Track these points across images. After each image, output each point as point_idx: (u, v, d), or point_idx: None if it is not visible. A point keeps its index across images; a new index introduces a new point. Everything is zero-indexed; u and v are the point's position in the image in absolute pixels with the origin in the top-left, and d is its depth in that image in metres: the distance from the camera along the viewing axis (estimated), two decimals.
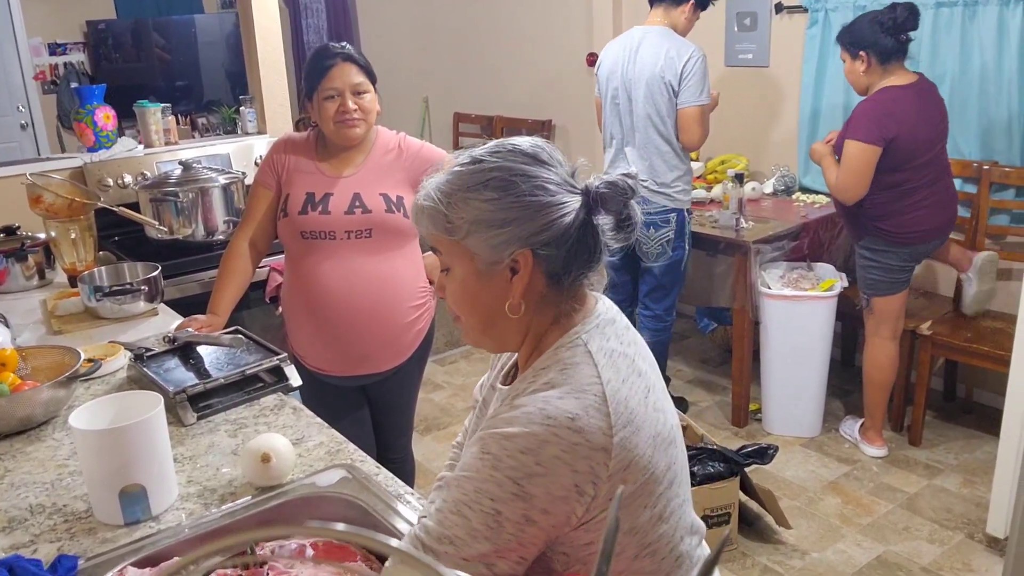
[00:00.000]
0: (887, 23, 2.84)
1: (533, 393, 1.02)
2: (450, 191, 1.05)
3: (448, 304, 1.12)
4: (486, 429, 1.02)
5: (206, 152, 3.27)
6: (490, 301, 1.08)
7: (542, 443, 0.97)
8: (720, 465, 2.67)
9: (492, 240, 1.03)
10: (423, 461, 3.20)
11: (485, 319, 1.10)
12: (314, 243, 2.13)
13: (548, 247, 1.04)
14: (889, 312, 3.10)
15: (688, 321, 4.47)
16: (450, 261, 1.08)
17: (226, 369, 1.85)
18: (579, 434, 0.98)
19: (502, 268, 1.05)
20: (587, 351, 1.05)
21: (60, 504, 1.44)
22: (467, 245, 1.05)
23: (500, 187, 1.03)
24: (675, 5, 3.23)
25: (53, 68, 7.20)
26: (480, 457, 1.00)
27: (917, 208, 2.95)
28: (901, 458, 3.22)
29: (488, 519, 0.98)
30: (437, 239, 1.08)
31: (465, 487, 1.00)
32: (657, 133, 3.21)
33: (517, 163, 1.05)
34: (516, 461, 0.98)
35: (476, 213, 1.03)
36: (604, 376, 1.03)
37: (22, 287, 2.57)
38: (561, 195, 1.04)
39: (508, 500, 0.98)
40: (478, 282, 1.07)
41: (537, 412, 0.99)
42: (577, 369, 1.03)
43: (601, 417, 1.00)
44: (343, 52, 2.08)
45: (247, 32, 3.52)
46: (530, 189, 1.03)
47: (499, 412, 1.04)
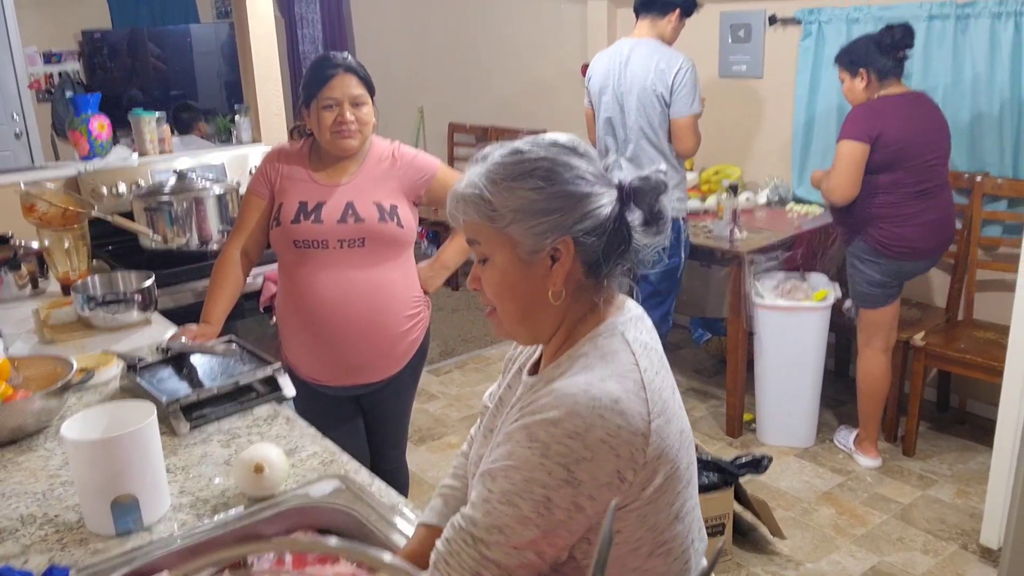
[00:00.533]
0: (885, 43, 2.93)
1: (572, 375, 1.04)
2: (495, 179, 1.07)
3: (484, 295, 1.13)
4: (529, 416, 1.02)
5: (201, 161, 3.27)
6: (530, 289, 1.09)
7: (588, 426, 0.98)
8: (714, 475, 2.67)
9: (535, 228, 1.05)
10: (417, 471, 3.19)
11: (524, 307, 1.11)
12: (307, 252, 2.13)
13: (589, 235, 1.06)
14: (879, 324, 3.12)
15: (682, 331, 4.48)
16: (490, 250, 1.09)
17: (220, 379, 1.85)
18: (622, 416, 0.99)
19: (543, 256, 1.07)
20: (624, 340, 1.08)
21: (51, 515, 1.43)
22: (510, 233, 1.06)
23: (544, 176, 1.05)
24: (661, 15, 3.25)
25: (48, 77, 7.20)
26: (528, 446, 1.00)
27: (912, 222, 2.97)
28: (895, 469, 3.23)
29: (538, 506, 0.99)
30: (478, 228, 1.09)
31: (513, 477, 1.01)
32: (650, 144, 3.22)
33: (559, 154, 1.07)
34: (564, 447, 0.98)
35: (520, 202, 1.05)
36: (641, 364, 1.06)
37: (15, 296, 2.56)
38: (599, 186, 1.07)
39: (558, 487, 0.98)
40: (519, 270, 1.08)
41: (582, 393, 1.00)
42: (616, 356, 1.06)
43: (640, 402, 1.02)
44: (344, 63, 2.08)
45: (243, 42, 3.53)
46: (572, 179, 1.05)
47: (536, 398, 1.04)
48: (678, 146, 3.23)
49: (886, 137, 2.89)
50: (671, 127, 3.21)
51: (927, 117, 2.99)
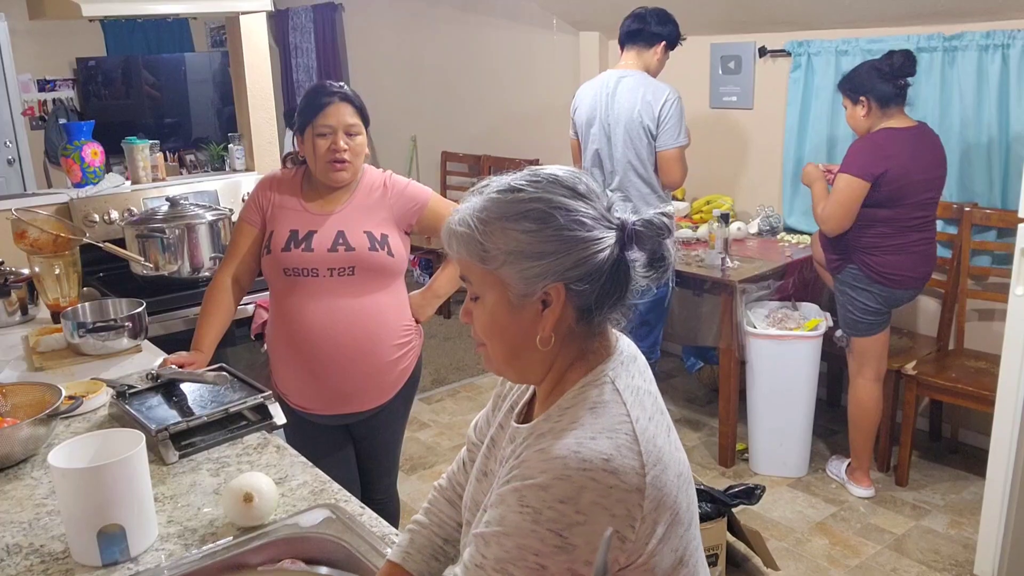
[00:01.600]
0: (885, 70, 2.93)
1: (561, 433, 1.00)
2: (488, 219, 1.02)
3: (474, 331, 1.10)
4: (518, 480, 0.99)
5: (194, 189, 3.27)
6: (519, 332, 1.05)
7: (580, 489, 0.94)
8: (707, 505, 2.66)
9: (527, 272, 1.01)
10: (408, 501, 3.16)
11: (511, 350, 1.08)
12: (297, 280, 2.13)
13: (581, 282, 1.02)
14: (870, 352, 3.12)
15: (674, 360, 4.47)
16: (480, 290, 1.06)
17: (209, 407, 1.83)
18: (614, 475, 0.95)
19: (534, 300, 1.03)
20: (615, 388, 1.04)
21: (37, 544, 1.41)
22: (500, 275, 1.03)
23: (539, 219, 1.01)
24: (647, 47, 3.28)
25: (42, 104, 7.22)
26: (519, 511, 0.97)
27: (905, 251, 2.99)
28: (888, 498, 3.22)
29: (533, 574, 0.96)
30: (469, 267, 1.06)
31: (506, 544, 0.97)
32: (637, 176, 3.24)
33: (556, 195, 1.02)
34: (556, 512, 0.95)
35: (513, 244, 1.01)
36: (633, 414, 1.01)
37: (4, 323, 2.54)
38: (598, 230, 1.02)
39: (551, 554, 0.95)
40: (508, 313, 1.05)
41: (572, 456, 0.96)
42: (606, 408, 1.02)
43: (634, 456, 0.97)
44: (340, 92, 2.10)
45: (237, 70, 3.55)
46: (568, 223, 1.01)
47: (527, 458, 1.01)
48: (664, 178, 3.25)
49: (889, 176, 2.89)
50: (657, 159, 3.23)
51: (930, 153, 2.98)
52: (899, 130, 2.94)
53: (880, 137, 2.95)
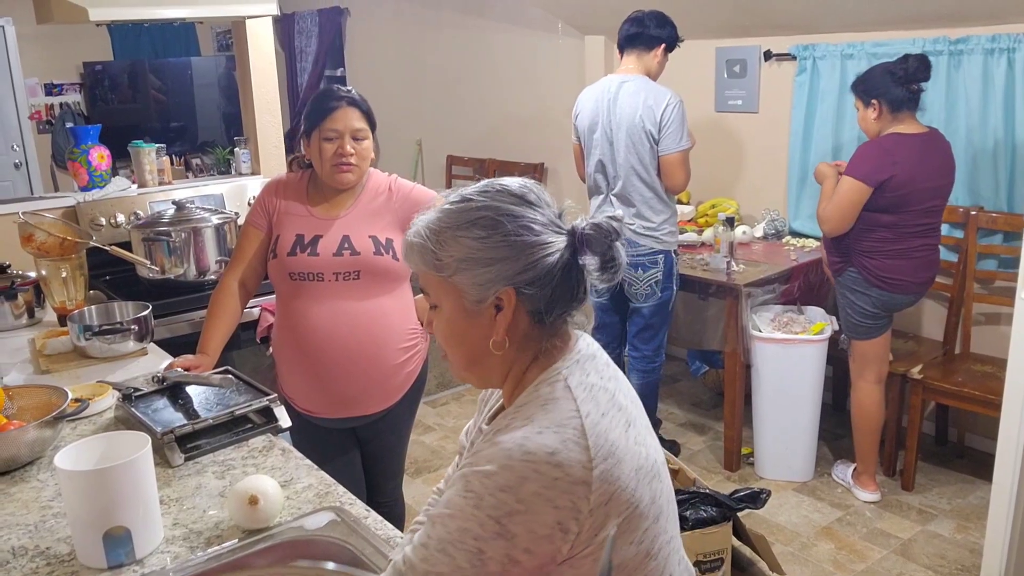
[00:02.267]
0: (898, 73, 2.91)
1: (513, 428, 1.03)
2: (439, 229, 1.07)
3: (437, 339, 1.14)
4: (468, 466, 1.03)
5: (199, 192, 3.28)
6: (475, 338, 1.10)
7: (521, 479, 0.98)
8: (712, 510, 2.65)
9: (478, 278, 1.05)
10: (413, 504, 3.16)
11: (469, 355, 1.12)
12: (302, 284, 2.13)
13: (532, 286, 1.06)
14: (870, 356, 3.12)
15: (679, 364, 4.47)
16: (438, 298, 1.11)
17: (215, 409, 1.84)
18: (559, 468, 0.98)
19: (487, 306, 1.07)
20: (566, 386, 1.07)
21: (43, 547, 1.41)
22: (454, 282, 1.07)
23: (488, 226, 1.05)
24: (647, 50, 3.28)
25: (49, 108, 7.25)
26: (463, 495, 1.01)
27: (906, 256, 2.98)
28: (894, 503, 3.21)
29: (472, 557, 0.99)
30: (426, 276, 1.11)
31: (449, 525, 1.01)
32: (640, 180, 3.24)
33: (504, 203, 1.07)
34: (496, 499, 0.98)
35: (464, 251, 1.05)
36: (583, 410, 1.04)
37: (11, 326, 2.55)
38: (546, 235, 1.06)
39: (490, 539, 0.98)
40: (465, 319, 1.09)
41: (516, 448, 1.00)
42: (556, 404, 1.04)
43: (580, 451, 1.00)
44: (348, 96, 2.10)
45: (243, 74, 3.56)
46: (516, 229, 1.05)
47: (481, 449, 1.04)
48: (667, 182, 3.25)
49: (893, 182, 2.87)
50: (660, 163, 3.23)
51: (938, 160, 2.96)
52: (909, 136, 2.92)
53: (888, 142, 2.93)
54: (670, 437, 3.73)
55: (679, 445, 3.70)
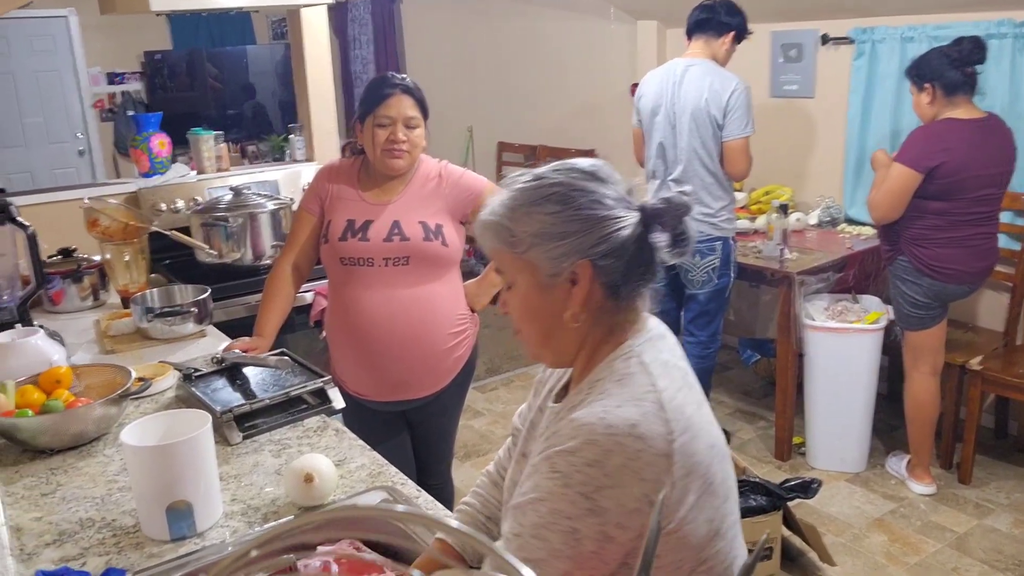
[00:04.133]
0: (953, 56, 2.83)
1: (590, 403, 1.04)
2: (513, 206, 1.10)
3: (512, 318, 1.16)
4: (550, 448, 1.03)
5: (255, 178, 3.35)
6: (550, 313, 1.11)
7: (606, 453, 0.98)
8: (762, 498, 2.63)
9: (553, 252, 1.07)
10: (462, 487, 3.19)
11: (545, 331, 1.13)
12: (353, 270, 2.17)
13: (606, 258, 1.07)
14: (925, 347, 3.05)
15: (731, 352, 4.43)
16: (513, 275, 1.12)
17: (271, 390, 1.89)
18: (641, 440, 0.99)
19: (562, 280, 1.08)
20: (641, 362, 1.08)
21: (109, 519, 1.47)
22: (529, 258, 1.09)
23: (560, 201, 1.07)
24: (716, 37, 3.24)
25: (111, 97, 7.44)
26: (550, 477, 1.01)
27: (958, 244, 2.90)
28: (950, 496, 3.14)
29: (567, 538, 0.99)
30: (500, 254, 1.12)
31: (539, 509, 1.01)
32: (702, 166, 3.21)
33: (576, 179, 1.09)
34: (584, 475, 0.99)
35: (538, 226, 1.07)
36: (659, 384, 1.05)
37: (77, 307, 2.64)
38: (618, 209, 1.08)
39: (583, 516, 0.99)
40: (539, 294, 1.10)
41: (598, 422, 1.01)
42: (632, 379, 1.06)
43: (661, 423, 1.01)
44: (403, 84, 2.13)
45: (298, 62, 3.61)
46: (588, 203, 1.07)
47: (558, 429, 1.05)
48: (730, 168, 3.22)
49: (944, 169, 2.80)
50: (723, 149, 3.20)
51: (996, 147, 2.87)
52: (963, 121, 2.84)
53: (940, 128, 2.86)
54: (720, 426, 3.70)
55: (729, 433, 3.68)
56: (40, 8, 6.65)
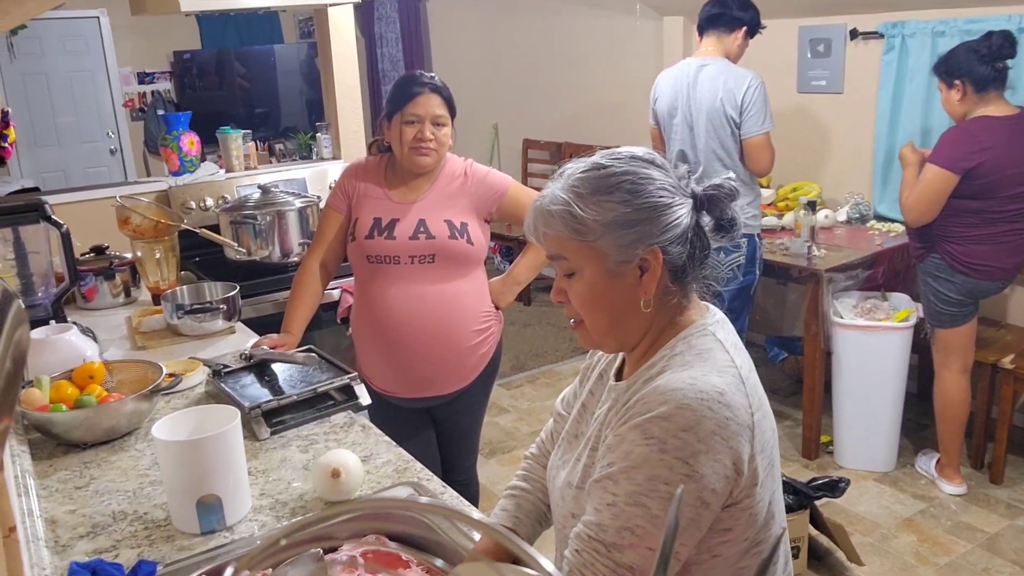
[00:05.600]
0: (982, 51, 2.79)
1: (674, 373, 1.05)
2: (582, 193, 1.09)
3: (570, 307, 1.15)
4: (638, 415, 1.03)
5: (283, 176, 3.38)
6: (619, 299, 1.11)
7: (699, 418, 0.99)
8: (790, 497, 2.62)
9: (623, 239, 1.07)
10: (487, 484, 3.21)
11: (613, 318, 1.13)
12: (379, 267, 2.18)
13: (673, 244, 1.09)
14: (955, 345, 3.01)
15: (758, 350, 4.40)
16: (578, 264, 1.11)
17: (299, 386, 1.91)
18: (728, 408, 1.01)
19: (632, 267, 1.09)
20: (717, 339, 1.11)
21: (141, 512, 1.50)
22: (598, 246, 1.08)
23: (630, 189, 1.08)
24: (728, 32, 3.22)
25: (141, 96, 7.54)
26: (645, 443, 1.01)
27: (990, 241, 2.86)
28: (981, 496, 3.10)
29: (666, 503, 0.99)
30: (564, 242, 1.11)
31: (635, 477, 1.01)
32: (722, 165, 3.19)
33: (640, 167, 1.10)
34: (680, 440, 0.99)
35: (609, 215, 1.07)
36: (736, 361, 1.08)
37: (109, 304, 2.68)
38: (678, 197, 1.10)
39: (681, 482, 0.99)
40: (608, 282, 1.10)
41: (688, 387, 1.02)
42: (712, 353, 1.08)
43: (743, 396, 1.04)
44: (431, 83, 2.14)
45: (325, 61, 3.64)
46: (655, 190, 1.08)
47: (641, 397, 1.05)
48: (752, 166, 3.19)
49: (981, 170, 2.76)
50: (743, 147, 3.17)
51: None
52: (997, 119, 2.80)
53: (976, 127, 2.81)
54: None
55: None
56: (72, 9, 6.76)
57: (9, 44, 6.76)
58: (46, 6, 1.41)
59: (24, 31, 6.48)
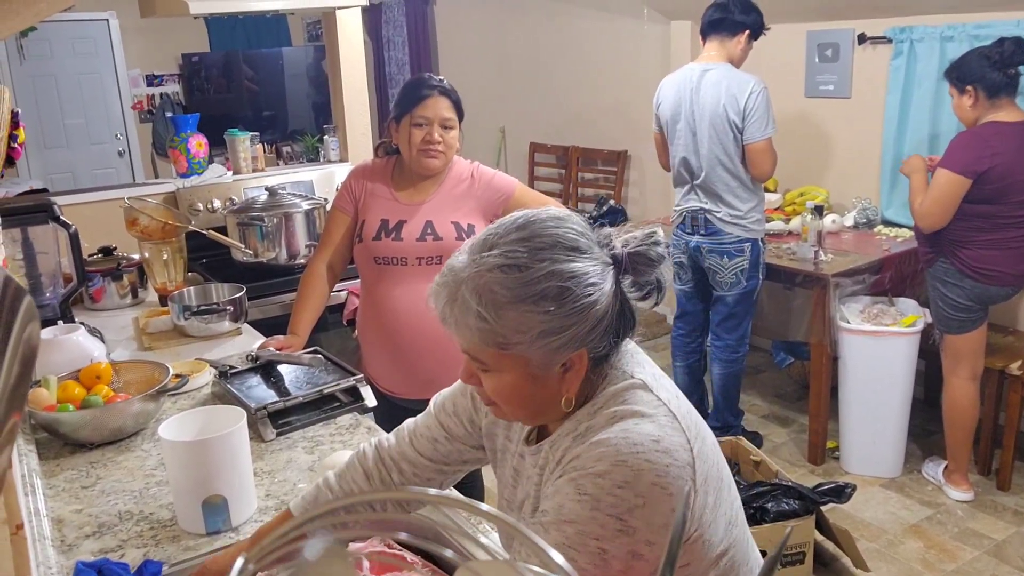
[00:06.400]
0: (994, 57, 2.79)
1: (605, 427, 1.02)
2: (501, 304, 0.99)
3: (485, 393, 1.09)
4: (573, 471, 1.01)
5: (290, 179, 3.39)
6: (542, 398, 1.06)
7: (637, 473, 0.97)
8: (795, 502, 2.61)
9: (548, 347, 1.00)
10: (491, 486, 3.20)
11: (535, 411, 1.09)
12: (386, 268, 2.18)
13: (599, 340, 1.03)
14: (964, 350, 3.00)
15: (764, 355, 4.39)
16: (496, 368, 1.04)
17: (305, 388, 1.91)
18: (667, 454, 0.98)
19: (556, 368, 1.04)
20: (636, 381, 1.06)
21: (147, 512, 1.50)
22: (520, 353, 1.01)
23: (556, 295, 0.98)
24: (731, 36, 3.21)
25: (150, 98, 7.57)
26: (578, 499, 0.99)
27: (1000, 246, 2.85)
28: (988, 503, 3.09)
29: (595, 558, 0.98)
30: (481, 351, 1.04)
31: (566, 530, 0.99)
32: (725, 170, 3.19)
33: (565, 263, 1.00)
34: (615, 497, 0.97)
35: (533, 326, 0.99)
36: (662, 396, 1.05)
37: (116, 305, 2.69)
38: (604, 283, 1.01)
39: (612, 537, 0.97)
40: (531, 384, 1.04)
41: (622, 441, 0.99)
42: (635, 395, 1.04)
43: (678, 433, 1.01)
44: (440, 85, 2.15)
45: (333, 64, 3.65)
46: (583, 289, 0.99)
47: (577, 453, 1.02)
48: (753, 171, 3.19)
49: (992, 174, 2.76)
50: (745, 152, 3.17)
51: None
52: (1008, 124, 2.79)
53: (987, 131, 2.81)
54: (752, 429, 3.68)
55: (762, 437, 3.64)
56: (82, 11, 6.79)
57: (19, 46, 6.80)
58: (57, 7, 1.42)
59: (34, 33, 6.51)
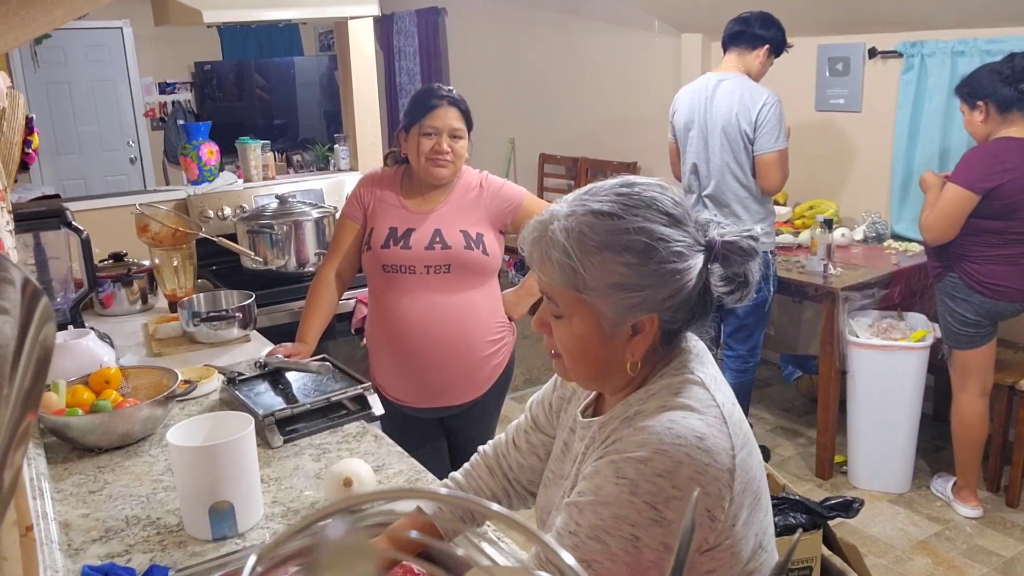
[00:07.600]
0: (1005, 73, 2.79)
1: (653, 414, 1.02)
2: (587, 246, 1.01)
3: (550, 342, 1.10)
4: (615, 452, 1.01)
5: (301, 187, 3.40)
6: (606, 355, 1.06)
7: (677, 464, 0.97)
8: (802, 517, 2.59)
9: (623, 303, 1.01)
10: None
11: (596, 370, 1.09)
12: (395, 277, 2.19)
13: (673, 311, 1.03)
14: (973, 366, 2.98)
15: (772, 368, 4.38)
16: (568, 312, 1.05)
17: (312, 395, 1.91)
18: (708, 454, 0.98)
19: (624, 328, 1.04)
20: (696, 377, 1.06)
21: (154, 517, 1.50)
22: (595, 303, 1.02)
23: (641, 251, 1.00)
24: (750, 49, 3.22)
25: (162, 106, 7.62)
26: (616, 482, 0.99)
27: (1009, 262, 2.84)
28: (997, 520, 3.07)
29: (627, 544, 0.98)
30: (558, 292, 1.04)
31: (602, 513, 0.99)
32: (736, 180, 3.19)
33: (657, 224, 1.01)
34: (653, 485, 0.97)
35: (613, 276, 1.00)
36: (718, 399, 1.04)
37: (126, 311, 2.71)
38: (692, 258, 1.02)
39: (647, 525, 0.97)
40: (597, 338, 1.05)
41: (666, 432, 0.99)
42: (691, 391, 1.04)
43: (724, 437, 1.00)
44: (450, 96, 2.16)
45: (344, 74, 3.67)
46: (667, 255, 1.00)
47: (620, 436, 1.02)
48: (763, 183, 3.19)
49: (1003, 190, 2.75)
50: (756, 163, 3.17)
51: None
52: (1020, 140, 2.78)
53: (998, 147, 2.80)
54: (760, 442, 3.65)
55: (769, 450, 3.63)
56: (96, 19, 6.85)
57: (33, 53, 6.85)
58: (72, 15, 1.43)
59: (48, 40, 6.57)
